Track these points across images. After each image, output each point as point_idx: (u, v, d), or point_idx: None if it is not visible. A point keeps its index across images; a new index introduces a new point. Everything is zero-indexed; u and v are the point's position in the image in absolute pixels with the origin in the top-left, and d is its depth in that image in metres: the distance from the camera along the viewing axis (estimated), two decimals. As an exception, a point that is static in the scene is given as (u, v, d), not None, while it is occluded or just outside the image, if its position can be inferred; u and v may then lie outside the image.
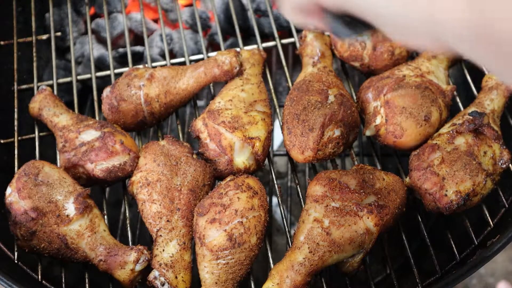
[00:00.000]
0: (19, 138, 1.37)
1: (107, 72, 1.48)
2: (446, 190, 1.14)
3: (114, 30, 1.71)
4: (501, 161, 1.18)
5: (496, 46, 0.57)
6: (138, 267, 1.12)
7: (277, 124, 1.42)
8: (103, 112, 1.31)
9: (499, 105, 1.29)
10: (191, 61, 1.46)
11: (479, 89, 1.35)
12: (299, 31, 1.47)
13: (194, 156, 1.23)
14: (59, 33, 1.60)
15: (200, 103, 1.78)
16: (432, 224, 1.47)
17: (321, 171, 1.21)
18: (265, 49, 1.46)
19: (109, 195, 1.61)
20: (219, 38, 1.50)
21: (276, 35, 1.49)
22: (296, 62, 1.81)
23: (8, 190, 1.17)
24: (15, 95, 1.43)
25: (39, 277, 1.19)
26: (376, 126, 1.25)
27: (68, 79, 1.48)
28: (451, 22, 0.62)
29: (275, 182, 1.28)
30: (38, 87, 1.43)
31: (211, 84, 1.38)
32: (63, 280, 1.19)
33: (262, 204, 1.14)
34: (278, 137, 1.71)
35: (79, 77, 1.48)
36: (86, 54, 1.71)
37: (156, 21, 1.80)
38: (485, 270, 1.64)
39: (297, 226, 1.14)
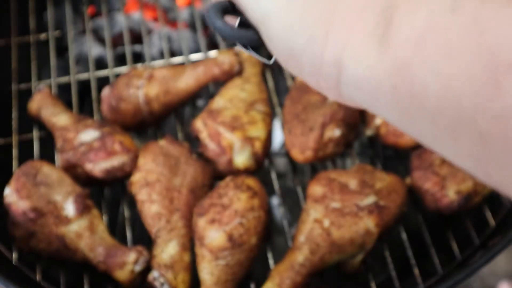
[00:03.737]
0: (18, 138, 1.37)
1: (106, 72, 1.47)
2: (447, 190, 1.14)
3: (113, 29, 1.71)
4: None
5: (418, 110, 0.39)
6: (138, 268, 1.12)
7: (277, 124, 1.41)
8: (102, 112, 1.31)
9: (500, 105, 1.28)
10: (190, 60, 1.45)
11: (480, 88, 1.34)
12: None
13: (194, 156, 1.22)
14: (57, 32, 1.59)
15: (199, 103, 1.78)
16: (433, 224, 1.47)
17: (321, 171, 1.20)
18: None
19: (108, 195, 1.60)
20: (219, 37, 1.49)
21: (276, 34, 1.48)
22: (296, 61, 1.80)
23: (7, 191, 1.17)
24: (14, 94, 1.43)
25: (38, 278, 1.18)
26: (377, 125, 1.25)
27: (66, 79, 1.47)
28: (361, 72, 0.42)
29: (275, 182, 1.28)
30: (36, 86, 1.43)
31: (211, 84, 1.38)
32: (62, 281, 1.18)
33: (262, 205, 1.13)
34: (278, 137, 1.70)
35: (77, 77, 1.48)
36: (85, 54, 1.71)
37: (155, 20, 1.80)
38: (487, 270, 1.64)
39: (297, 227, 1.13)
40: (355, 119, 1.23)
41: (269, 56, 0.55)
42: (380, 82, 0.41)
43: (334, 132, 1.19)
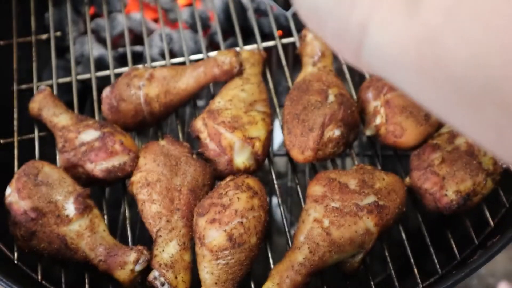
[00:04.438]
0: (19, 138, 1.37)
1: (107, 72, 1.48)
2: (446, 190, 1.14)
3: (114, 30, 1.71)
4: (501, 161, 1.18)
5: (445, 78, 0.38)
6: (138, 268, 1.12)
7: (277, 124, 1.42)
8: (103, 112, 1.31)
9: (500, 105, 1.29)
10: (191, 60, 1.46)
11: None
12: (299, 30, 1.47)
13: (194, 156, 1.23)
14: (58, 33, 1.60)
15: (200, 103, 1.78)
16: (432, 224, 1.47)
17: (321, 171, 1.21)
18: (265, 49, 1.46)
19: (109, 195, 1.61)
20: (219, 37, 1.49)
21: (276, 34, 1.48)
22: (296, 62, 1.80)
23: (8, 191, 1.17)
24: (15, 95, 1.43)
25: (39, 277, 1.19)
26: (376, 125, 1.25)
27: (67, 79, 1.48)
28: (386, 39, 0.41)
29: (275, 182, 1.28)
30: (37, 87, 1.43)
31: (211, 84, 1.38)
32: (63, 281, 1.18)
33: (262, 204, 1.13)
34: (278, 137, 1.70)
35: (78, 77, 1.48)
36: (86, 54, 1.71)
37: (155, 20, 1.80)
38: (486, 270, 1.64)
39: (297, 226, 1.14)
40: (355, 120, 1.24)
41: (286, 5, 0.54)
42: (406, 50, 0.40)
43: (334, 132, 1.20)
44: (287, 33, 1.62)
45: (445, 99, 0.39)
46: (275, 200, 1.64)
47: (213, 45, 1.74)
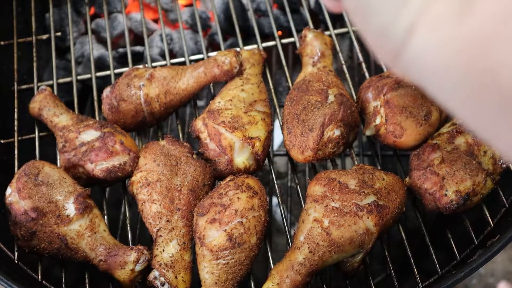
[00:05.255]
0: (19, 138, 1.37)
1: (107, 72, 1.48)
2: (446, 190, 1.14)
3: (114, 30, 1.72)
4: (501, 161, 1.18)
5: (492, 86, 0.36)
6: (138, 267, 1.12)
7: (277, 124, 1.42)
8: (103, 112, 1.31)
9: (499, 105, 1.29)
10: (191, 61, 1.46)
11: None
12: (299, 31, 1.48)
13: (194, 156, 1.23)
14: (59, 33, 1.60)
15: (200, 103, 1.78)
16: (432, 224, 1.47)
17: (321, 171, 1.21)
18: (265, 49, 1.46)
19: (109, 195, 1.61)
20: (219, 38, 1.50)
21: (276, 35, 1.49)
22: (296, 62, 1.81)
23: (8, 190, 1.17)
24: (15, 95, 1.44)
25: (39, 277, 1.19)
26: (376, 125, 1.25)
27: (68, 79, 1.48)
28: (433, 43, 0.39)
29: (275, 182, 1.28)
30: (38, 87, 1.43)
31: (211, 84, 1.38)
32: (63, 280, 1.19)
33: (262, 204, 1.14)
34: (278, 137, 1.71)
35: (79, 77, 1.48)
36: (86, 54, 1.71)
37: (156, 21, 1.81)
38: (485, 270, 1.64)
39: (297, 226, 1.14)
40: (355, 120, 1.24)
41: None
42: (453, 55, 0.38)
43: (334, 132, 1.20)
44: (287, 33, 1.63)
45: (487, 108, 0.38)
46: (275, 200, 1.65)
47: (213, 46, 1.74)
